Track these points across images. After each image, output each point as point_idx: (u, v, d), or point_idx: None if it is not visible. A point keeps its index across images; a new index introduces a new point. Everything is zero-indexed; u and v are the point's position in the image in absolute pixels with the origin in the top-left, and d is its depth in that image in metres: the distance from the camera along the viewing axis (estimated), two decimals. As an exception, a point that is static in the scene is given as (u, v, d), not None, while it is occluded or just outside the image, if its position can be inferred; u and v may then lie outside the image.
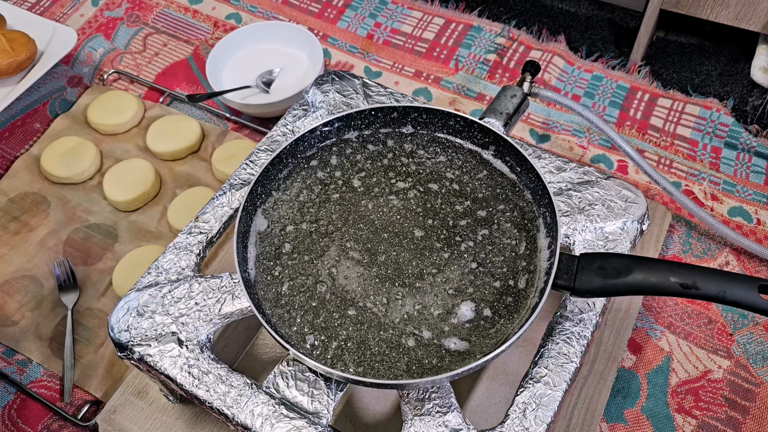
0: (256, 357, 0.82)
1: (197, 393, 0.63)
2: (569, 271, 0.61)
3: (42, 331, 0.90)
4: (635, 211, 0.72)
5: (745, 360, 0.83)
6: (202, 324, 0.67)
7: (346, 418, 0.78)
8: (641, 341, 0.85)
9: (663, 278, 0.57)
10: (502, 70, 1.13)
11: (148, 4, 1.27)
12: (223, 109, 1.11)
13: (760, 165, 0.99)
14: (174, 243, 0.73)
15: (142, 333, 0.66)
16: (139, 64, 1.18)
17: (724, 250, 0.92)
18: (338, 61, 1.16)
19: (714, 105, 1.05)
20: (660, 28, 1.17)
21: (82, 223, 0.99)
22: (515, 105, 0.79)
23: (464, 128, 0.74)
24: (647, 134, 1.04)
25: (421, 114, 0.75)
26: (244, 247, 0.68)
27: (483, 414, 0.77)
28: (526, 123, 1.06)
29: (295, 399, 0.62)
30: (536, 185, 0.70)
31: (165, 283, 0.69)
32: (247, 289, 0.64)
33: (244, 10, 1.25)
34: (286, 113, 0.82)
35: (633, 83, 1.09)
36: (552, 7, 1.22)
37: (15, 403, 0.85)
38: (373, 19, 1.21)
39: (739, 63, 1.11)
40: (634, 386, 0.82)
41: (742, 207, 0.96)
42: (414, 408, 0.61)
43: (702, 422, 0.79)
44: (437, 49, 1.16)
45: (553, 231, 0.66)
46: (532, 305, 0.64)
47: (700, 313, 0.87)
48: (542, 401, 0.61)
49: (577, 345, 0.64)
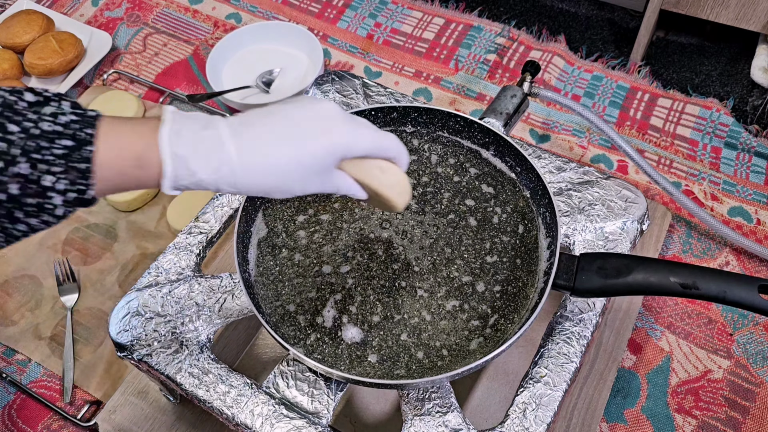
0: (256, 357, 0.82)
1: (197, 393, 0.63)
2: (569, 271, 0.61)
3: (42, 331, 0.90)
4: (635, 211, 0.72)
5: (745, 360, 0.83)
6: (202, 324, 0.67)
7: (346, 418, 0.78)
8: (641, 341, 0.85)
9: (663, 278, 0.57)
10: (502, 70, 1.13)
11: (148, 4, 1.27)
12: (223, 109, 1.11)
13: (760, 165, 0.99)
14: (174, 243, 0.73)
15: (142, 333, 0.66)
16: (139, 64, 1.18)
17: (724, 250, 0.92)
18: (338, 61, 1.16)
19: (714, 105, 1.05)
20: (660, 28, 1.17)
21: (82, 223, 0.99)
22: (515, 105, 0.79)
23: (464, 128, 0.74)
24: (647, 134, 1.04)
25: (421, 114, 0.75)
26: (244, 247, 0.68)
27: (483, 414, 0.77)
28: (526, 123, 1.06)
29: (295, 399, 0.62)
30: (536, 185, 0.70)
31: (165, 283, 0.69)
32: (247, 289, 0.63)
33: (244, 10, 1.25)
34: (286, 113, 0.82)
35: (633, 83, 1.09)
36: (552, 7, 1.22)
37: (15, 403, 0.85)
38: (373, 19, 1.21)
39: (739, 63, 1.11)
40: (634, 386, 0.82)
41: (742, 207, 0.96)
42: (414, 408, 0.61)
43: (702, 422, 0.79)
44: (437, 49, 1.16)
45: (553, 231, 0.66)
46: (532, 305, 0.63)
47: (700, 313, 0.87)
48: (542, 401, 0.61)
49: (577, 345, 0.64)
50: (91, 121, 0.44)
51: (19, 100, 0.43)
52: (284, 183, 0.48)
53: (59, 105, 0.44)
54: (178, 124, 0.46)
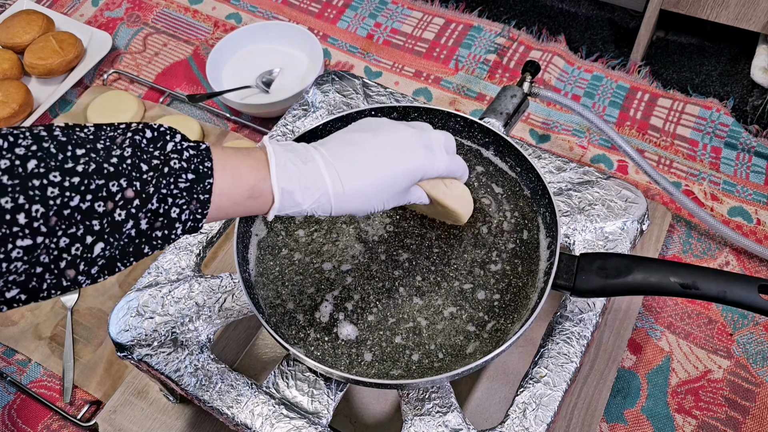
0: (256, 357, 0.82)
1: (197, 393, 0.63)
2: (569, 271, 0.61)
3: (42, 331, 0.90)
4: (635, 211, 0.72)
5: (745, 360, 0.83)
6: (202, 324, 0.67)
7: (346, 418, 0.78)
8: (641, 341, 0.85)
9: (663, 278, 0.57)
10: (502, 70, 1.13)
11: (148, 4, 1.27)
12: (223, 109, 1.11)
13: (760, 165, 0.99)
14: (174, 243, 0.73)
15: (142, 333, 0.66)
16: (139, 64, 1.18)
17: (724, 250, 0.92)
18: (338, 61, 1.16)
19: (714, 105, 1.05)
20: (660, 28, 1.17)
21: (82, 223, 0.99)
22: (515, 105, 0.79)
23: (464, 128, 0.74)
24: (647, 134, 1.04)
25: (421, 114, 0.75)
26: (244, 247, 0.68)
27: (483, 414, 0.77)
28: (526, 123, 1.06)
29: (295, 399, 0.62)
30: (536, 185, 0.70)
31: (165, 283, 0.69)
32: (247, 289, 0.63)
33: (244, 10, 1.25)
34: (286, 113, 0.82)
35: (633, 83, 1.09)
36: (552, 7, 1.22)
37: (15, 403, 0.85)
38: (373, 19, 1.21)
39: (739, 63, 1.11)
40: (634, 386, 0.82)
41: (742, 207, 0.96)
42: (414, 408, 0.61)
43: (702, 422, 0.79)
44: (437, 49, 1.16)
45: (553, 231, 0.66)
46: (532, 305, 0.63)
47: (700, 313, 0.87)
48: (542, 401, 0.61)
49: (577, 345, 0.64)
50: (207, 153, 0.48)
51: (143, 138, 0.45)
52: (368, 205, 0.55)
53: (173, 139, 0.47)
54: (282, 158, 0.52)
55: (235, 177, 0.49)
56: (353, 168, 0.54)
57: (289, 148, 0.53)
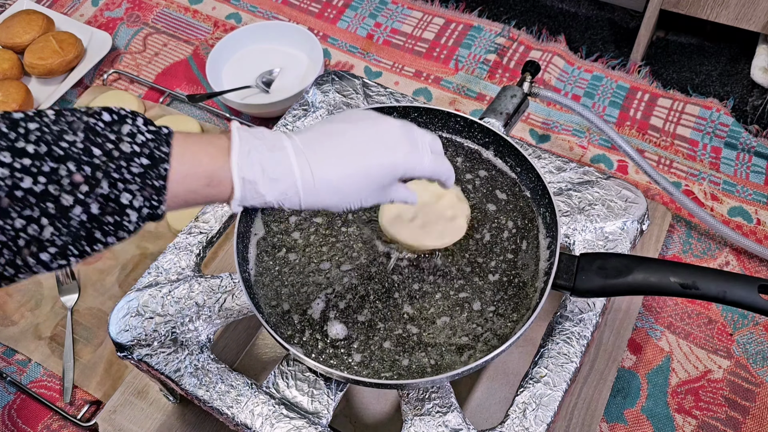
0: (256, 357, 0.82)
1: (197, 393, 0.63)
2: (569, 271, 0.61)
3: (42, 331, 0.90)
4: (635, 211, 0.72)
5: (745, 360, 0.83)
6: (202, 324, 0.67)
7: (346, 418, 0.78)
8: (641, 341, 0.85)
9: (663, 278, 0.57)
10: (502, 70, 1.13)
11: (148, 4, 1.27)
12: (223, 109, 1.11)
13: (760, 165, 0.99)
14: (174, 243, 0.73)
15: (142, 333, 0.66)
16: (139, 64, 1.18)
17: (724, 250, 0.92)
18: (338, 61, 1.16)
19: (714, 105, 1.05)
20: (660, 28, 1.17)
21: (82, 223, 0.99)
22: (515, 105, 0.79)
23: (464, 128, 0.74)
24: (647, 134, 1.04)
25: (421, 114, 0.75)
26: (244, 247, 0.68)
27: (483, 414, 0.77)
28: (526, 123, 1.06)
29: (295, 399, 0.62)
30: (536, 185, 0.70)
31: (165, 283, 0.69)
32: (247, 289, 0.63)
33: (244, 10, 1.25)
34: (286, 113, 0.82)
35: (633, 83, 1.09)
36: (552, 7, 1.22)
37: (15, 403, 0.85)
38: (373, 19, 1.21)
39: (739, 63, 1.11)
40: (634, 386, 0.82)
41: (742, 207, 0.96)
42: (414, 408, 0.61)
43: (702, 422, 0.79)
44: (437, 49, 1.16)
45: (553, 231, 0.66)
46: (532, 305, 0.63)
47: (700, 313, 0.87)
48: (542, 401, 0.61)
49: (577, 345, 0.64)
50: (166, 138, 0.46)
51: (98, 121, 0.44)
52: (344, 200, 0.51)
53: (134, 123, 0.45)
54: (246, 145, 0.48)
55: (194, 164, 0.46)
56: (328, 159, 0.50)
57: (258, 135, 0.49)
